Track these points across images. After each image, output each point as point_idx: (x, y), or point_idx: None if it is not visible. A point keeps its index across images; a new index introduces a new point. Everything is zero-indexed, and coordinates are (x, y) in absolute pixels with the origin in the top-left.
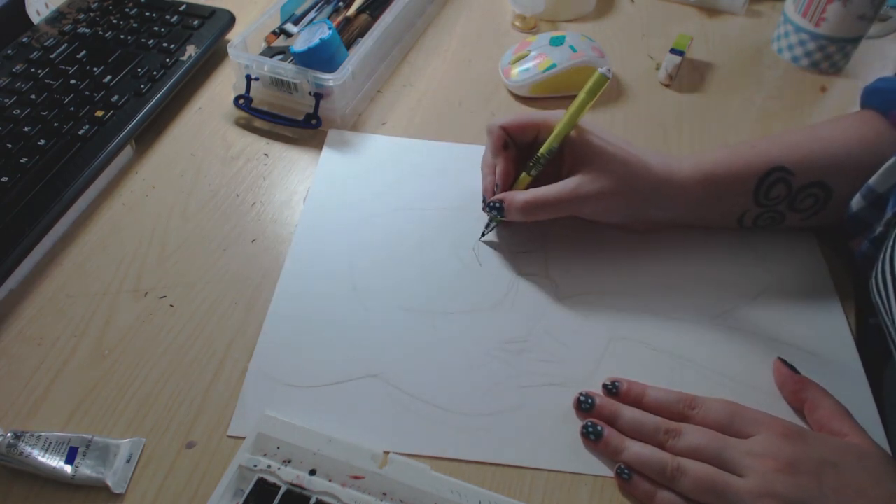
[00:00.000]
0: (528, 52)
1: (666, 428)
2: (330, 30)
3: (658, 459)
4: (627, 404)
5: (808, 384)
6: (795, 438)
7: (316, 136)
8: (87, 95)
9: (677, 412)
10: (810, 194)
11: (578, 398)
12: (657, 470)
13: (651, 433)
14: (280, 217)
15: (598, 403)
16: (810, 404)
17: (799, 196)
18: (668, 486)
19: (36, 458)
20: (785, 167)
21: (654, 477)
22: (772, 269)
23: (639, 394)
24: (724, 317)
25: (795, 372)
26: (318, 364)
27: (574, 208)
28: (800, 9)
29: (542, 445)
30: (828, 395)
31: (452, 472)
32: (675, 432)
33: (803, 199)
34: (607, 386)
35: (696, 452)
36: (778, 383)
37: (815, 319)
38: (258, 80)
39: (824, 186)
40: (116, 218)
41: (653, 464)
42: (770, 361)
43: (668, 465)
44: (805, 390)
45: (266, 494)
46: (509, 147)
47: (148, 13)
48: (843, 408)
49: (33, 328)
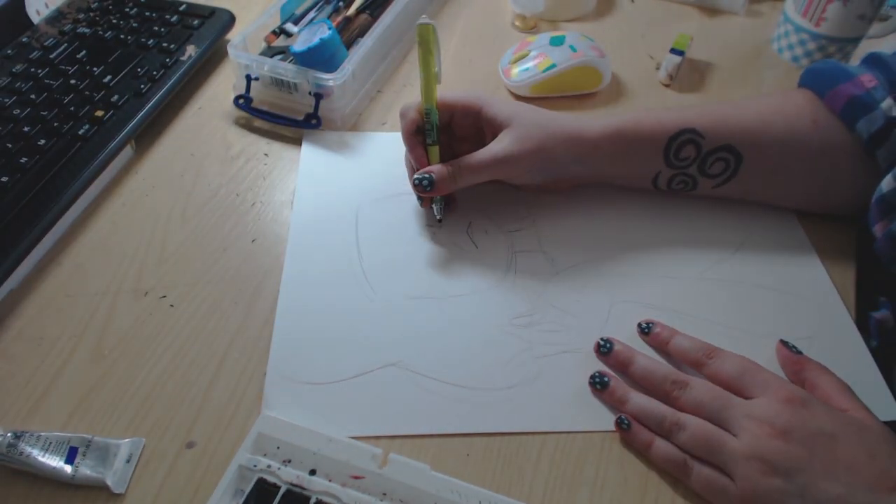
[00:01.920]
0: (528, 52)
1: (674, 378)
2: (330, 30)
3: (658, 412)
4: (655, 344)
5: (808, 363)
6: (797, 405)
7: (316, 136)
8: (87, 95)
9: (695, 359)
10: (720, 158)
11: (598, 342)
12: (656, 421)
13: (659, 381)
14: (280, 217)
15: (615, 349)
16: (810, 383)
17: (708, 159)
18: (665, 438)
19: (36, 458)
20: (695, 129)
21: (653, 428)
22: (749, 223)
23: (667, 337)
24: (710, 271)
25: (797, 353)
26: (336, 360)
27: (497, 171)
28: (800, 9)
29: (566, 408)
30: (827, 372)
31: (453, 471)
32: (681, 384)
33: (713, 164)
34: (641, 325)
35: (699, 407)
36: (780, 364)
37: (790, 264)
38: (258, 80)
39: (733, 151)
40: (116, 218)
41: (653, 415)
42: (754, 306)
43: (668, 418)
44: (805, 370)
45: (266, 494)
46: (420, 131)
47: (148, 13)
48: (843, 384)
49: (33, 328)
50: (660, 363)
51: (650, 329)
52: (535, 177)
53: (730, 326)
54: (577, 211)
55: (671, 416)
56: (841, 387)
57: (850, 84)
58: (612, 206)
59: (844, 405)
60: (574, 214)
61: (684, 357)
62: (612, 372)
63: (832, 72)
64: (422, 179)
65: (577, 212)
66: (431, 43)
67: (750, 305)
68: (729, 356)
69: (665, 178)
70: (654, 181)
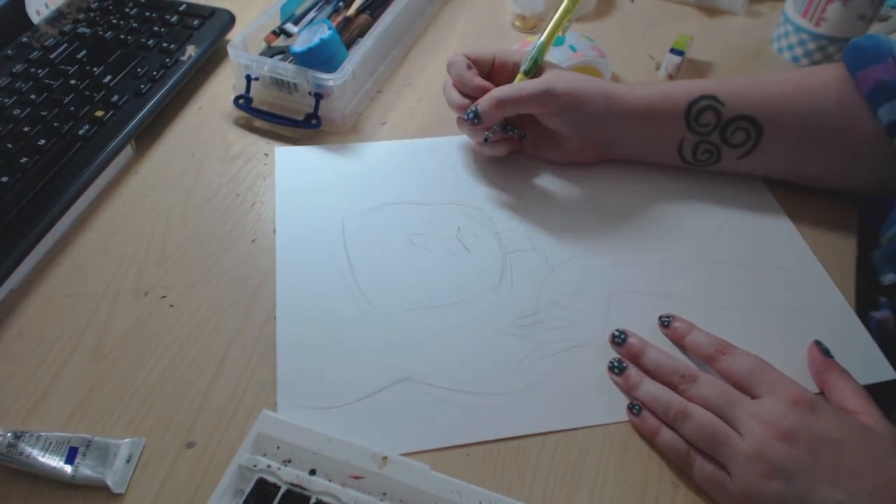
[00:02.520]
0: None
1: (683, 372)
2: (330, 30)
3: (666, 399)
4: (673, 338)
5: (831, 366)
6: (804, 408)
7: (316, 136)
8: (87, 95)
9: (708, 354)
10: (740, 127)
11: (613, 333)
12: (663, 408)
13: (668, 374)
14: None
15: (629, 340)
16: (829, 385)
17: (729, 128)
18: (672, 426)
19: (36, 458)
20: (715, 96)
21: (660, 415)
22: (728, 204)
23: (684, 332)
24: (699, 253)
25: (828, 356)
26: (346, 381)
27: (537, 103)
28: (800, 9)
29: (583, 403)
30: (847, 376)
31: (452, 471)
32: (690, 377)
33: (734, 133)
34: (661, 319)
35: (705, 402)
36: (808, 361)
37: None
38: (258, 80)
39: (753, 122)
40: (116, 218)
41: (661, 402)
42: (746, 283)
43: (675, 406)
44: (827, 371)
45: (266, 494)
46: (470, 67)
47: (148, 13)
48: (860, 389)
49: (33, 328)
50: (670, 356)
51: (670, 323)
52: (569, 126)
53: (725, 307)
54: (563, 206)
55: (678, 405)
56: (858, 391)
57: (882, 67)
58: (595, 200)
59: (858, 408)
60: (560, 209)
61: (699, 351)
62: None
63: (871, 50)
64: (468, 113)
65: (564, 207)
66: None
67: (738, 284)
68: (741, 354)
69: (690, 145)
70: (680, 149)
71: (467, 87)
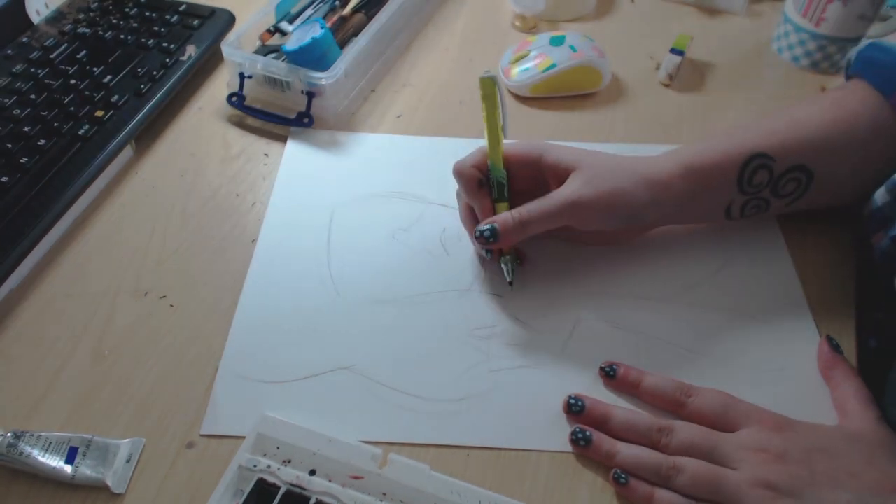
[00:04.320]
0: (528, 52)
1: (658, 426)
2: (322, 29)
3: (653, 460)
4: (623, 389)
5: (839, 363)
6: (784, 429)
7: (303, 135)
8: (87, 95)
9: (673, 400)
10: (792, 178)
11: (568, 401)
12: (653, 470)
13: (644, 432)
14: None
15: (588, 406)
16: (834, 382)
17: (781, 181)
18: (664, 486)
19: (36, 458)
20: (766, 153)
21: (650, 478)
22: (731, 246)
23: (636, 379)
24: (686, 294)
25: (838, 352)
26: (290, 360)
27: (568, 215)
28: (800, 9)
29: (518, 425)
30: (854, 376)
31: (452, 472)
32: (667, 430)
33: (786, 184)
34: (605, 369)
35: (690, 449)
36: (818, 355)
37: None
38: (252, 78)
39: (805, 170)
40: (116, 218)
41: (648, 465)
42: (731, 332)
43: (664, 464)
44: (835, 368)
45: (266, 495)
46: (483, 185)
47: (148, 13)
48: (864, 391)
49: (33, 328)
50: (638, 413)
51: (615, 372)
52: (608, 222)
53: (692, 350)
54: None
55: (666, 462)
56: (861, 393)
57: None
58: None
59: (856, 410)
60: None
61: (660, 399)
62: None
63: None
64: (484, 230)
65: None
66: (496, 96)
67: (720, 332)
68: (706, 392)
69: (738, 205)
70: (728, 211)
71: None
